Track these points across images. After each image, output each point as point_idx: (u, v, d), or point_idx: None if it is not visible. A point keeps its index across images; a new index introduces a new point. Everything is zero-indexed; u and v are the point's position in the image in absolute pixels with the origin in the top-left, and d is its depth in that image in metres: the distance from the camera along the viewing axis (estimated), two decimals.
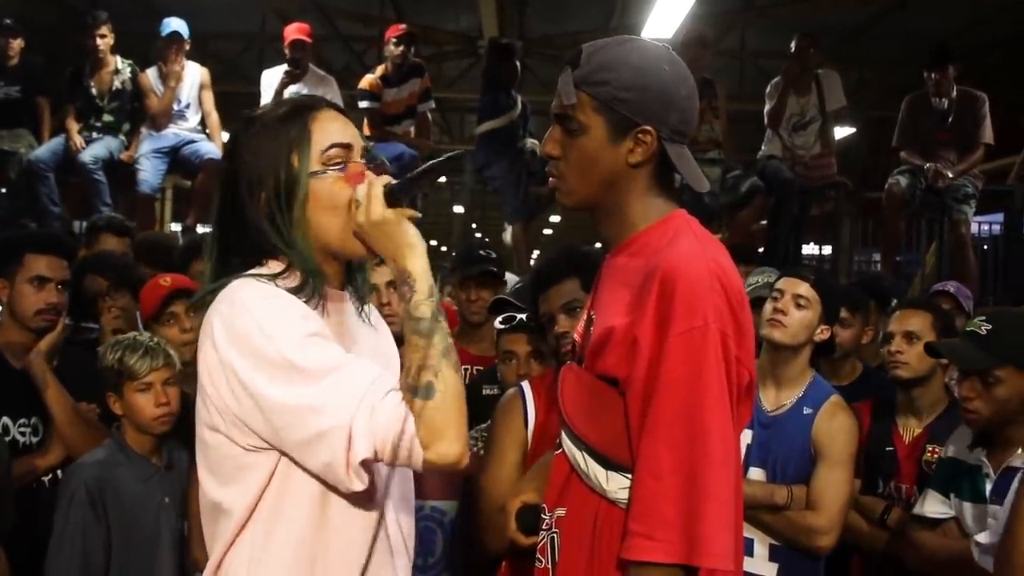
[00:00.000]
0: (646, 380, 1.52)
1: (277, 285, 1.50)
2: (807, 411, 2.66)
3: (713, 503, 1.47)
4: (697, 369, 1.49)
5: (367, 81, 6.70)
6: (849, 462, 2.62)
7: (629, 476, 1.56)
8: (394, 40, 6.65)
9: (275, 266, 1.54)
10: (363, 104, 6.65)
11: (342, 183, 1.52)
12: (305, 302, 1.50)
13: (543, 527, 1.75)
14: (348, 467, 1.38)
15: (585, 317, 1.74)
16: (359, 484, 1.40)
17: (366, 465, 1.40)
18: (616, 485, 1.59)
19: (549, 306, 2.33)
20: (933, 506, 2.57)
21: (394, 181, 1.51)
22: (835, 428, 2.62)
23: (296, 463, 1.46)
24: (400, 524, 1.62)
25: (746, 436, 2.65)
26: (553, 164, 1.69)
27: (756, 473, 2.67)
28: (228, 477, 1.49)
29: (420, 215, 1.54)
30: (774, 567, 2.59)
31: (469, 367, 3.27)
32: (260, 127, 1.55)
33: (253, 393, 1.41)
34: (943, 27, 9.91)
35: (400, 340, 1.53)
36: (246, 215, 1.53)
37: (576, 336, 1.78)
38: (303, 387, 1.38)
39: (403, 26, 6.98)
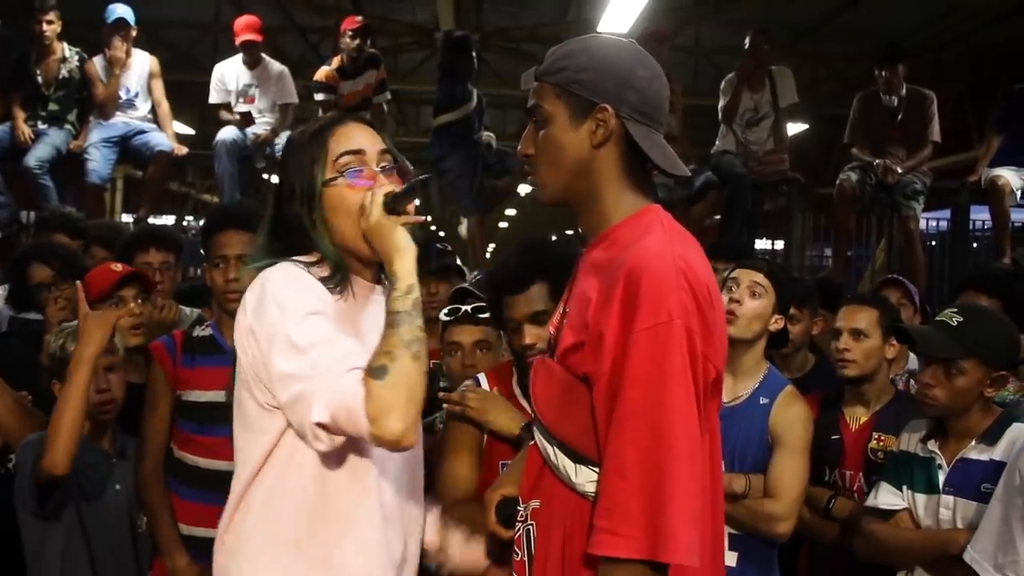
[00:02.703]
0: (611, 376, 1.52)
1: (309, 271, 1.71)
2: (763, 401, 2.69)
3: (678, 499, 1.47)
4: (661, 365, 1.48)
5: (323, 73, 6.66)
6: (805, 450, 2.65)
7: (597, 470, 1.56)
8: (350, 32, 6.60)
9: (312, 256, 1.76)
10: (319, 96, 6.60)
11: (350, 189, 1.72)
12: (331, 288, 1.72)
13: (519, 519, 1.76)
14: (310, 427, 1.56)
15: (561, 309, 1.73)
16: (320, 445, 1.59)
17: (324, 428, 1.56)
18: (585, 478, 1.60)
19: (515, 313, 2.25)
20: (885, 497, 2.61)
21: (398, 189, 1.68)
22: (791, 417, 2.66)
23: None
24: (399, 498, 1.80)
25: None
26: (528, 162, 1.72)
27: None
28: (250, 428, 1.73)
29: (427, 218, 1.65)
30: (734, 555, 2.61)
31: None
32: (295, 146, 1.80)
33: (265, 359, 1.63)
34: (896, 25, 10.07)
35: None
36: (288, 216, 1.76)
37: (551, 328, 1.76)
38: (293, 358, 1.58)
39: (359, 18, 6.94)
